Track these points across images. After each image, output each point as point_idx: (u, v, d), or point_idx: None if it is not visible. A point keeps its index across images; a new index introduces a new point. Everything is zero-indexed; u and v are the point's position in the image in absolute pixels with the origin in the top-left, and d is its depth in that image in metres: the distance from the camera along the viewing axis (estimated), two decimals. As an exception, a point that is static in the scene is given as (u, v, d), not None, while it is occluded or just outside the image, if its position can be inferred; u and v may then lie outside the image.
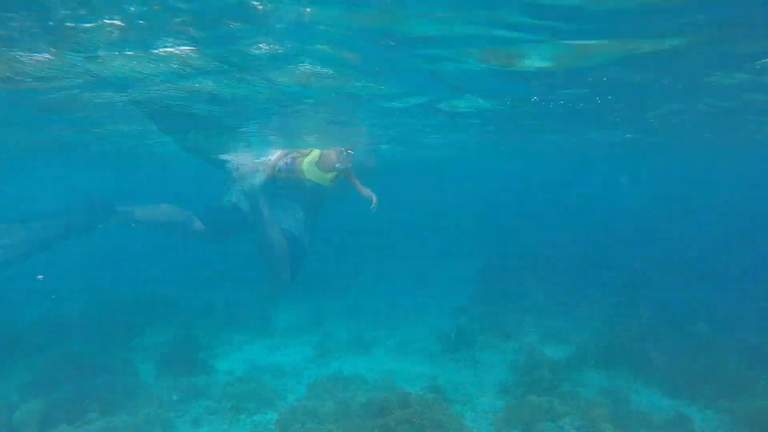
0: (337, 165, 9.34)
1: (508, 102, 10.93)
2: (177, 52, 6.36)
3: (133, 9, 4.91)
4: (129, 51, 6.31)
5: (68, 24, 5.23)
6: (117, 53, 6.35)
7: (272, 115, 10.83)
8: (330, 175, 9.56)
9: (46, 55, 6.36)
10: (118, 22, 5.24)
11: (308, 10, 5.07)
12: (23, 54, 6.31)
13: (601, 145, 17.35)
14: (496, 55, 7.09)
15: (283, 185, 10.07)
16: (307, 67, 7.23)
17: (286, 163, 9.90)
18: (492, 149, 18.25)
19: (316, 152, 9.81)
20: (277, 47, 6.29)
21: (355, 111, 10.99)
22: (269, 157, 10.54)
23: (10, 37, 5.60)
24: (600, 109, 11.81)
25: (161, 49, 6.28)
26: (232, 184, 10.56)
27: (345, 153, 9.38)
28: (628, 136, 16.51)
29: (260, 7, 4.90)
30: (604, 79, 8.52)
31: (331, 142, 14.99)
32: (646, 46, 6.73)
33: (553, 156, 20.25)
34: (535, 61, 7.29)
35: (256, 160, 10.88)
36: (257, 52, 6.44)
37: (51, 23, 5.19)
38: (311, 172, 9.67)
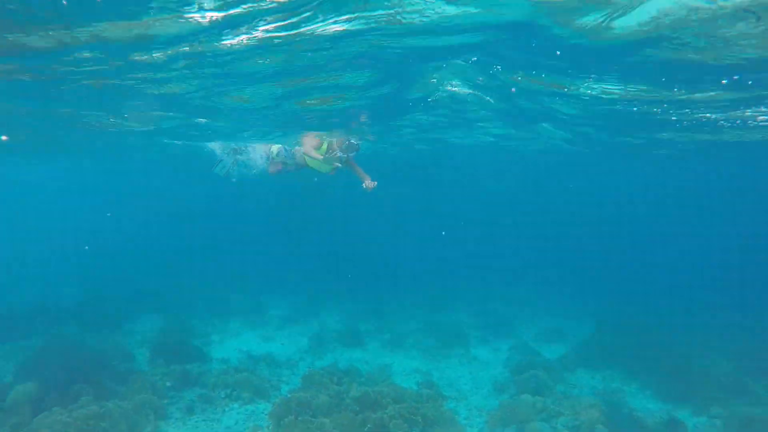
0: (338, 154, 9.28)
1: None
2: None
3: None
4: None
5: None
6: None
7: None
8: (331, 164, 9.56)
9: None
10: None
11: None
12: None
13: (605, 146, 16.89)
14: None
15: (283, 172, 10.32)
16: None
17: (285, 151, 10.03)
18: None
19: (323, 143, 9.77)
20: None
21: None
22: (270, 146, 10.64)
23: None
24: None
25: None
26: (226, 156, 11.02)
27: (348, 142, 9.30)
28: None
29: None
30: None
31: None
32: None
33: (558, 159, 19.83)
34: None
35: (258, 146, 11.01)
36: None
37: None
38: (314, 161, 9.68)
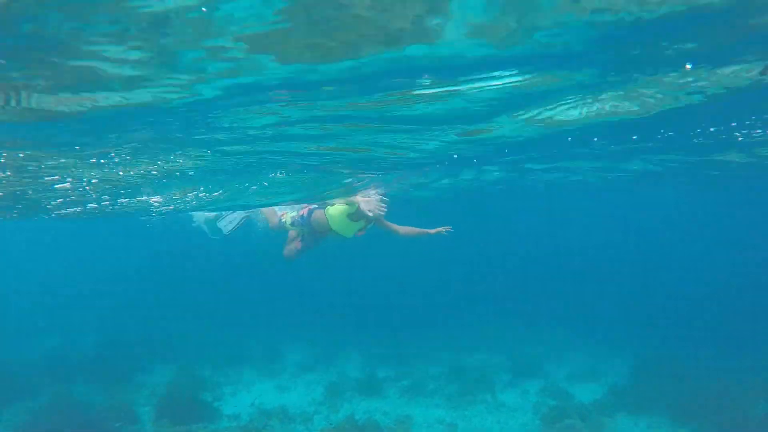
0: (368, 213, 8.22)
1: None
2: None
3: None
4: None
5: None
6: None
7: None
8: (359, 224, 8.56)
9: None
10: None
11: None
12: None
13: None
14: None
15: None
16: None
17: (301, 216, 9.18)
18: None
19: (352, 202, 8.93)
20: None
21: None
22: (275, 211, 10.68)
23: None
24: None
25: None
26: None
27: (380, 199, 8.56)
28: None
29: None
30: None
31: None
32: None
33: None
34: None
35: (275, 210, 10.94)
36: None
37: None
38: (339, 224, 8.68)
